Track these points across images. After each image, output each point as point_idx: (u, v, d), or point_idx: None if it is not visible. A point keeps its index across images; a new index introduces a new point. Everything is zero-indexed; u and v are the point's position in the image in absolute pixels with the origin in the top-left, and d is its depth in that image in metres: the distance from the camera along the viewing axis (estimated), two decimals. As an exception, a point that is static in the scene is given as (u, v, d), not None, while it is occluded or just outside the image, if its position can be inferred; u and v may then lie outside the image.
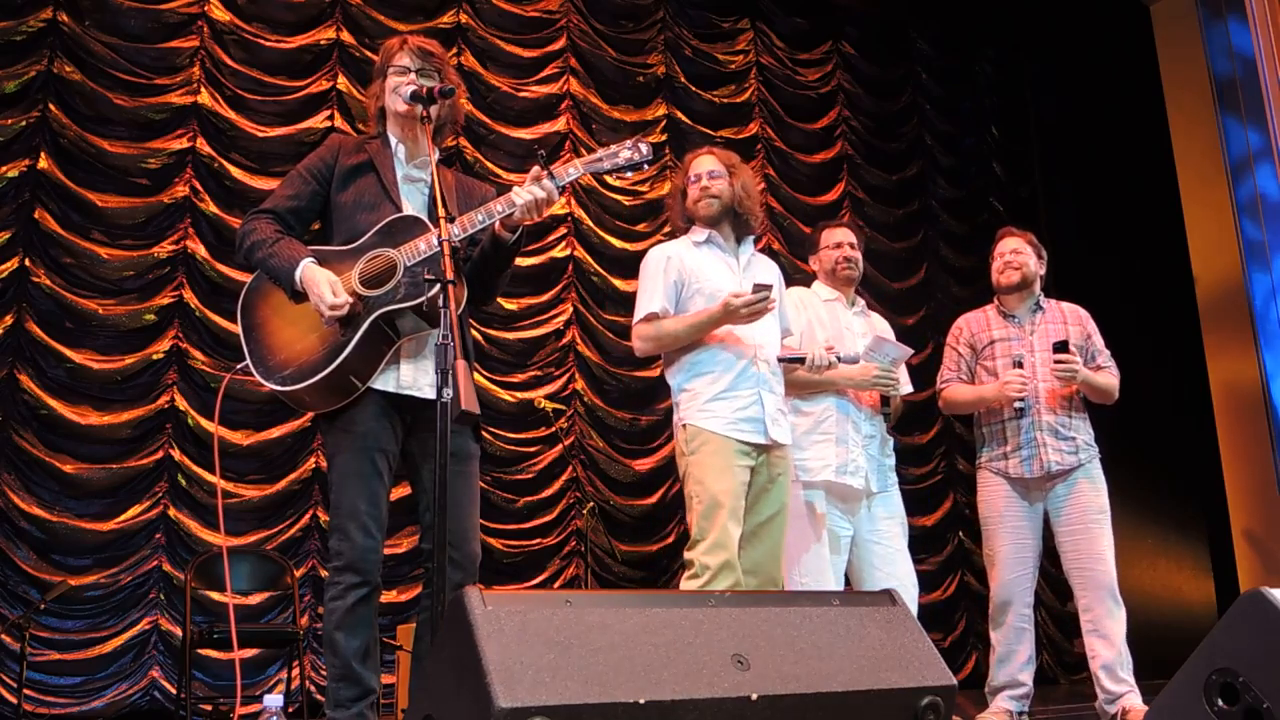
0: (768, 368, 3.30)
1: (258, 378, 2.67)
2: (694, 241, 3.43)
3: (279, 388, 2.65)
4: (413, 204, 2.83)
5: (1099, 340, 4.08)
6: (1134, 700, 3.69)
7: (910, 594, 3.59)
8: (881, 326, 3.97)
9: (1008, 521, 3.95)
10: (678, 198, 3.50)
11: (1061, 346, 3.85)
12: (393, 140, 2.89)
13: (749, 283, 3.27)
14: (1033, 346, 3.99)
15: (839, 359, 3.44)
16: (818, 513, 3.57)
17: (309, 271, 2.65)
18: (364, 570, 2.61)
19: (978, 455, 4.09)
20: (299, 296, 2.68)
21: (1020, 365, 3.92)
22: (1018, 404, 3.87)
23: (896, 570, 3.60)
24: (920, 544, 3.78)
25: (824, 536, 3.55)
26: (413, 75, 2.83)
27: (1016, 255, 4.07)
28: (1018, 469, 3.93)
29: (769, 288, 3.17)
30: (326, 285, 2.62)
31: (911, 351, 3.75)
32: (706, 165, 3.45)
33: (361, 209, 2.77)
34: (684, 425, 3.23)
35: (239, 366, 2.75)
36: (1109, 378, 3.99)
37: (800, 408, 3.68)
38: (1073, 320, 4.07)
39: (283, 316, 2.71)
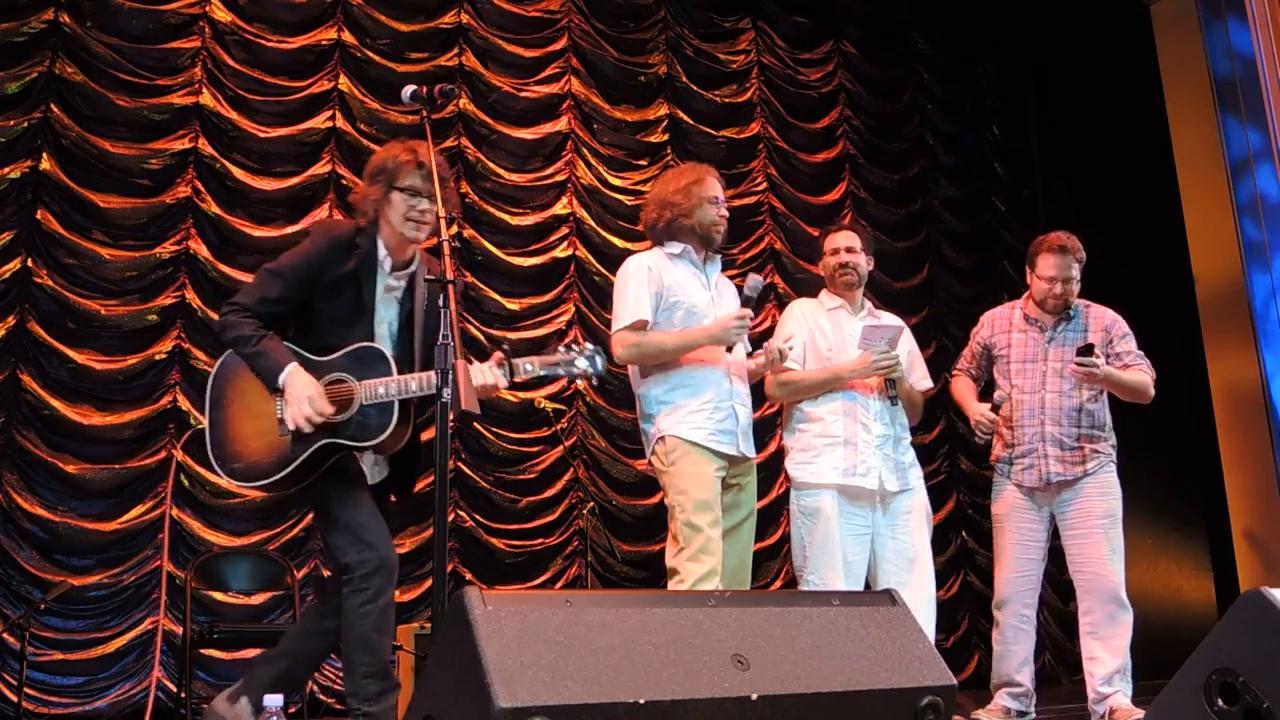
0: (740, 384, 3.42)
1: (210, 458, 2.82)
2: (669, 254, 3.50)
3: (228, 479, 2.82)
4: (388, 318, 2.94)
5: (1126, 343, 3.98)
6: (1121, 700, 3.70)
7: (925, 592, 3.60)
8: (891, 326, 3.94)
9: (1013, 521, 3.99)
10: (685, 201, 3.45)
11: (1086, 350, 3.76)
12: (381, 250, 2.91)
13: (719, 300, 3.45)
14: (1047, 355, 3.96)
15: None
16: (827, 513, 3.59)
17: (295, 377, 2.75)
18: (391, 569, 2.76)
19: (992, 450, 4.11)
20: (278, 393, 2.79)
21: (997, 410, 3.93)
22: (977, 439, 3.98)
23: (912, 568, 3.62)
24: (922, 544, 3.83)
25: (835, 537, 3.57)
26: (423, 203, 2.85)
27: (1068, 287, 3.95)
28: (1019, 476, 3.96)
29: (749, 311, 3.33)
30: (308, 392, 2.73)
31: (902, 324, 3.73)
32: (723, 193, 3.51)
33: (339, 324, 2.86)
34: (663, 438, 3.32)
35: (202, 425, 2.90)
36: (1138, 374, 3.89)
37: (808, 412, 3.70)
38: (1096, 326, 3.99)
39: (247, 408, 2.84)
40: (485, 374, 2.80)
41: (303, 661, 2.99)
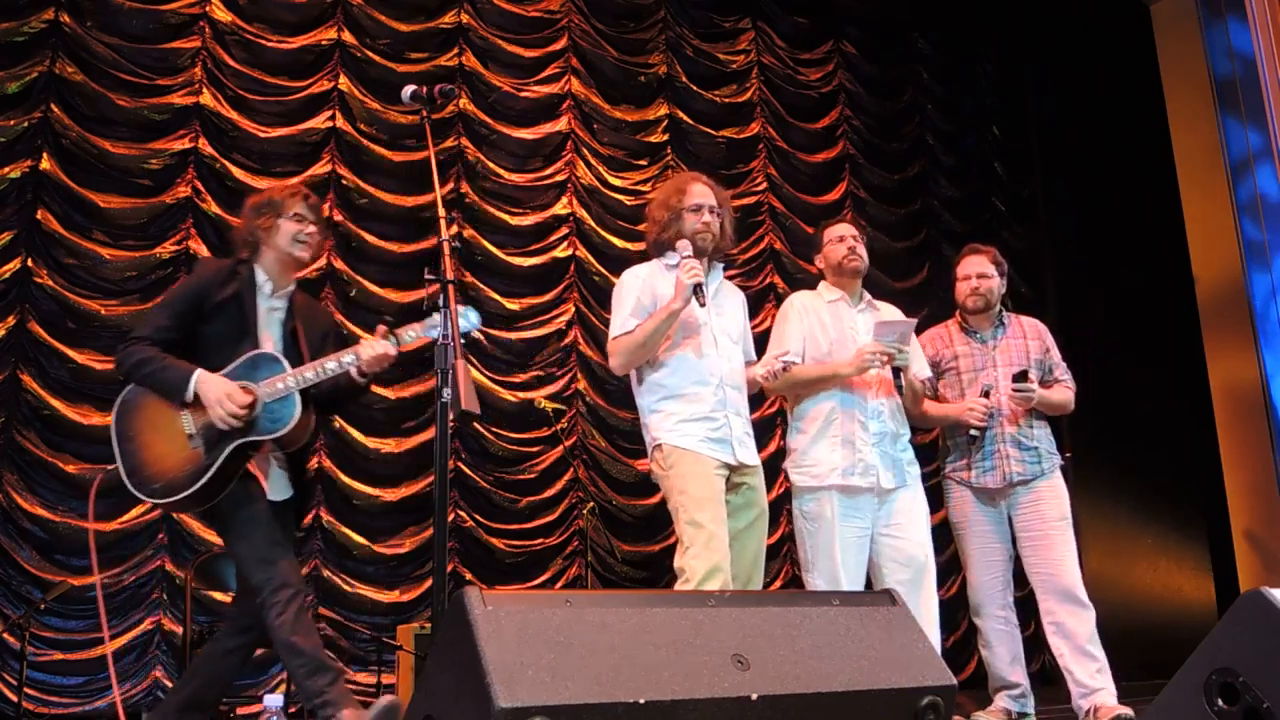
0: (735, 393, 3.42)
1: (129, 486, 2.98)
2: (666, 265, 3.51)
3: (150, 499, 3.01)
4: (273, 334, 3.19)
5: (1057, 354, 4.15)
6: (1106, 698, 3.70)
7: (927, 592, 3.60)
8: (890, 316, 3.92)
9: (974, 527, 4.03)
10: (665, 215, 3.47)
11: (1021, 377, 3.92)
12: (260, 275, 3.20)
13: (715, 310, 3.46)
14: (995, 362, 4.05)
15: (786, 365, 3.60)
16: (828, 516, 3.58)
17: (205, 379, 2.97)
18: (296, 582, 2.96)
19: (943, 465, 4.12)
20: (186, 405, 2.98)
21: (987, 395, 3.95)
22: (973, 430, 3.94)
23: (912, 569, 3.61)
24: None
25: (836, 538, 3.56)
26: (310, 226, 3.19)
27: (983, 281, 4.10)
28: (980, 479, 4.00)
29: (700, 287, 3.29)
30: (224, 390, 2.94)
31: (913, 321, 3.72)
32: (709, 198, 3.49)
33: (226, 344, 3.09)
34: (659, 445, 3.34)
35: (110, 468, 3.05)
36: (1063, 392, 4.07)
37: (804, 412, 3.69)
38: (1032, 335, 4.13)
39: (155, 431, 3.02)
40: (374, 346, 3.04)
41: (211, 682, 3.17)
